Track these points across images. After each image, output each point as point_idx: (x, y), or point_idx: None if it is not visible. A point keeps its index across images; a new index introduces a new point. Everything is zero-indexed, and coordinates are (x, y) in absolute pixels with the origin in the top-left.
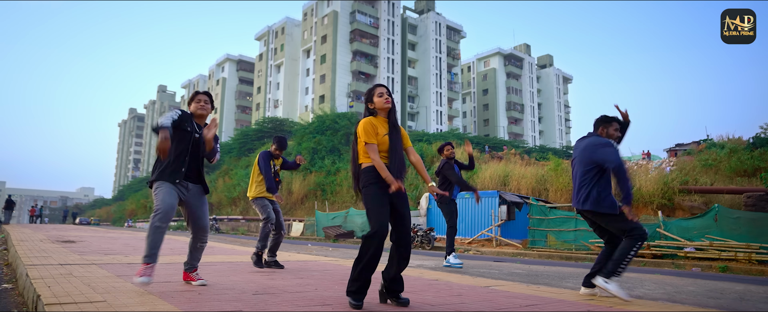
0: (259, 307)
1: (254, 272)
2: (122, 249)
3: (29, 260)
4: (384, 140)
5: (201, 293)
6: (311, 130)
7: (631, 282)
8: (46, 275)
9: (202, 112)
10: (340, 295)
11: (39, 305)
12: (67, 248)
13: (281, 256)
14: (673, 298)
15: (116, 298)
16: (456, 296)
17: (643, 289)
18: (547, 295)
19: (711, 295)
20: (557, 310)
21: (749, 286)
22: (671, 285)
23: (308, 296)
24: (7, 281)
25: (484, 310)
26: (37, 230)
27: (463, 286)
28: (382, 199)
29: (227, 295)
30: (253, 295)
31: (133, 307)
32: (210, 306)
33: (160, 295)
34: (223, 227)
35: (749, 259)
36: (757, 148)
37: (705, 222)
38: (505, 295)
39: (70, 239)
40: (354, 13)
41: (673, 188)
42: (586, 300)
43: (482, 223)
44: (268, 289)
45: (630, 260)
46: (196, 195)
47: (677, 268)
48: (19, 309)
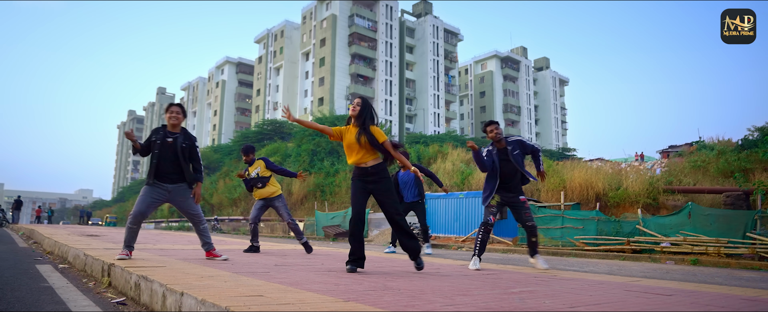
0: (282, 271)
1: (266, 254)
2: (146, 241)
3: (78, 246)
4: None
5: (233, 264)
6: (310, 132)
7: (586, 265)
8: (102, 254)
9: (174, 122)
10: (342, 267)
11: (113, 271)
12: (98, 240)
13: (285, 246)
14: (612, 273)
15: (172, 265)
16: (435, 269)
17: (592, 268)
18: (508, 269)
19: (655, 274)
20: (510, 276)
21: (685, 267)
22: (623, 268)
23: (317, 267)
24: (60, 263)
25: (454, 274)
26: (57, 228)
27: (442, 264)
28: (356, 192)
29: (256, 265)
30: (275, 266)
31: (189, 269)
32: (246, 270)
33: (204, 264)
34: (225, 227)
35: (718, 252)
36: (744, 149)
37: (680, 219)
38: (475, 269)
39: (93, 234)
40: (352, 17)
41: (658, 188)
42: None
43: (475, 222)
44: (285, 264)
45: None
46: (178, 192)
47: (653, 262)
48: (87, 279)
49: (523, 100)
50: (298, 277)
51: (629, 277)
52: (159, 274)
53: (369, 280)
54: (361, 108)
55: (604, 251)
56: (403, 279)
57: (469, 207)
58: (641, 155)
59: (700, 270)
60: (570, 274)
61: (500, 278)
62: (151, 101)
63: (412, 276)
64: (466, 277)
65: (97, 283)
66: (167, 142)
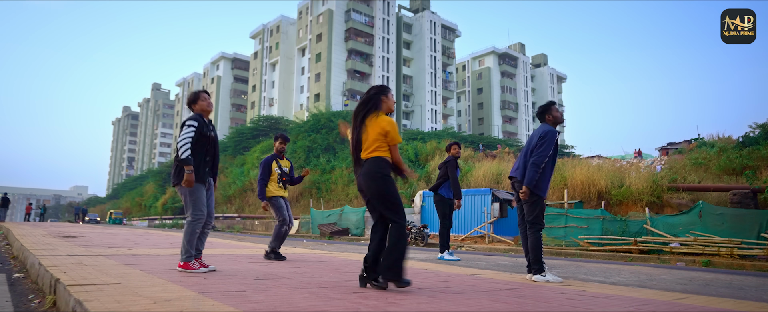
0: (262, 289)
1: (253, 262)
2: (123, 243)
3: (38, 252)
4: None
5: (206, 278)
6: (306, 129)
7: (609, 273)
8: (59, 264)
9: (210, 110)
10: (334, 280)
11: (58, 288)
12: (71, 242)
13: None
14: (643, 285)
15: (129, 281)
16: (442, 282)
17: (618, 277)
18: (526, 282)
19: (680, 282)
20: (533, 292)
21: (719, 275)
22: (646, 275)
23: (305, 281)
24: (17, 271)
25: (465, 291)
26: (37, 227)
27: (449, 274)
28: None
29: (232, 280)
30: (255, 280)
31: (146, 288)
32: (217, 287)
33: (170, 279)
34: (219, 225)
35: (731, 254)
36: (746, 146)
37: (690, 218)
38: (488, 281)
39: (70, 234)
40: (349, 12)
41: (662, 186)
42: (559, 285)
43: (475, 221)
44: (268, 276)
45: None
46: (211, 187)
47: (662, 263)
48: (35, 294)
49: (521, 96)
50: (278, 300)
51: (670, 292)
52: (104, 296)
53: (369, 301)
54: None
55: (610, 251)
56: (409, 299)
57: (468, 205)
58: (639, 152)
59: (740, 279)
60: (598, 288)
61: (523, 296)
62: (146, 97)
63: (420, 295)
64: (482, 294)
65: (42, 302)
66: (212, 136)
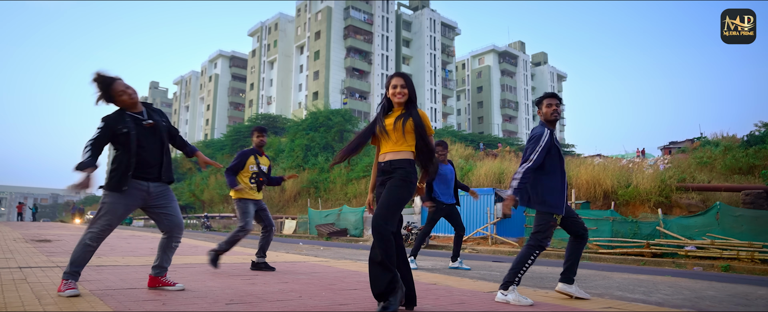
0: None
1: (235, 276)
2: (98, 249)
3: None
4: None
5: (165, 303)
6: (304, 127)
7: (644, 286)
8: None
9: (134, 100)
10: (326, 303)
11: None
12: (38, 249)
13: (268, 256)
14: (697, 306)
15: (77, 305)
16: (458, 304)
17: (660, 295)
18: (555, 302)
19: (736, 301)
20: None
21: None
22: (688, 289)
23: (290, 305)
24: None
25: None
26: (18, 228)
27: (464, 292)
28: None
29: (203, 303)
30: (227, 305)
31: None
32: None
33: (126, 298)
34: (215, 225)
35: (752, 258)
36: (751, 145)
37: (706, 220)
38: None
39: (46, 238)
40: (348, 9)
41: (670, 186)
42: (603, 308)
43: (478, 221)
44: (246, 297)
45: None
46: (160, 193)
47: (678, 267)
48: None
49: (521, 95)
50: None
51: None
52: None
53: None
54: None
55: (622, 254)
56: None
57: (470, 205)
58: (642, 151)
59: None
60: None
61: None
62: (144, 95)
63: None
64: None
65: None
66: (144, 127)
